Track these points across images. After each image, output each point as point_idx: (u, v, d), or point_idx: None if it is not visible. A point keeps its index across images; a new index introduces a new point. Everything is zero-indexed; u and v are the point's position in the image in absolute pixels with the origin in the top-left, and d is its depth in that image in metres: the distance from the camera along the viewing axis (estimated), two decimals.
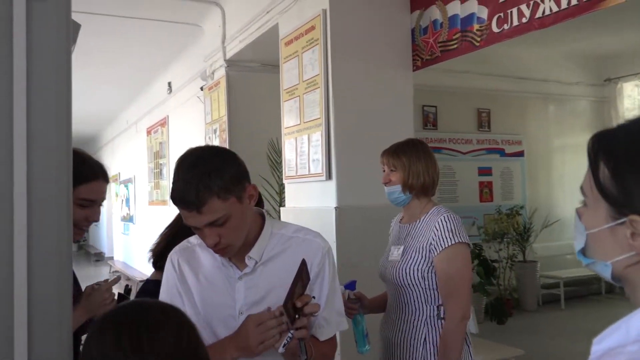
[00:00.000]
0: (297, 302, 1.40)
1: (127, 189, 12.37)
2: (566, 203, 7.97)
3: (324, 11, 3.87)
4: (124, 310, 1.01)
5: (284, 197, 4.68)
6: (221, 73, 5.89)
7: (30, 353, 1.20)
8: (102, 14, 5.78)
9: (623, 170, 0.83)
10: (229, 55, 5.75)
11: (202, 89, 6.55)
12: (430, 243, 2.10)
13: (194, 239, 1.66)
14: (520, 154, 8.15)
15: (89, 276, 11.16)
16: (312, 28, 3.99)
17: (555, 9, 3.03)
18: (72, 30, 1.48)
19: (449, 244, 2.07)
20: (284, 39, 4.43)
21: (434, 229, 2.11)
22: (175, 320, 1.01)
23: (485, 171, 7.88)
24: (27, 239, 1.21)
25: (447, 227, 2.09)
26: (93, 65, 7.88)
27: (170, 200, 1.47)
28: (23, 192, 1.21)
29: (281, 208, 4.68)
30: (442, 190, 7.52)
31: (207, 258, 1.61)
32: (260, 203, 2.43)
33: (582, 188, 0.91)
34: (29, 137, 1.22)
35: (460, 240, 2.09)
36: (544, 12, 3.10)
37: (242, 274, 1.56)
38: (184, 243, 1.69)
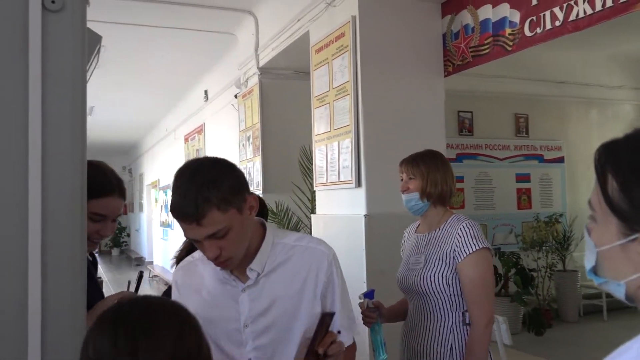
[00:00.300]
0: (318, 349, 1.37)
1: (166, 195, 12.57)
2: None
3: (354, 18, 3.85)
4: (124, 309, 0.99)
5: (316, 205, 4.67)
6: (254, 81, 5.94)
7: None
8: (141, 24, 5.91)
9: (632, 183, 0.77)
10: (262, 63, 5.80)
11: (236, 96, 6.62)
12: (454, 250, 2.12)
13: (197, 254, 1.64)
14: (560, 160, 7.93)
15: (129, 280, 11.31)
16: (342, 35, 3.98)
17: (589, 11, 2.94)
18: (91, 41, 1.50)
19: (473, 249, 2.10)
20: (314, 46, 4.44)
21: (457, 235, 2.13)
22: (176, 319, 0.99)
23: (523, 177, 7.70)
24: (41, 247, 1.23)
25: (470, 233, 2.12)
26: (133, 74, 8.07)
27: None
28: (38, 202, 1.23)
29: (312, 215, 4.67)
30: (479, 197, 7.38)
31: (209, 272, 1.58)
32: (263, 214, 2.43)
33: (590, 202, 0.85)
34: (44, 147, 1.24)
35: (484, 246, 2.12)
36: (577, 14, 3.01)
37: (245, 286, 1.53)
38: (188, 258, 1.68)
